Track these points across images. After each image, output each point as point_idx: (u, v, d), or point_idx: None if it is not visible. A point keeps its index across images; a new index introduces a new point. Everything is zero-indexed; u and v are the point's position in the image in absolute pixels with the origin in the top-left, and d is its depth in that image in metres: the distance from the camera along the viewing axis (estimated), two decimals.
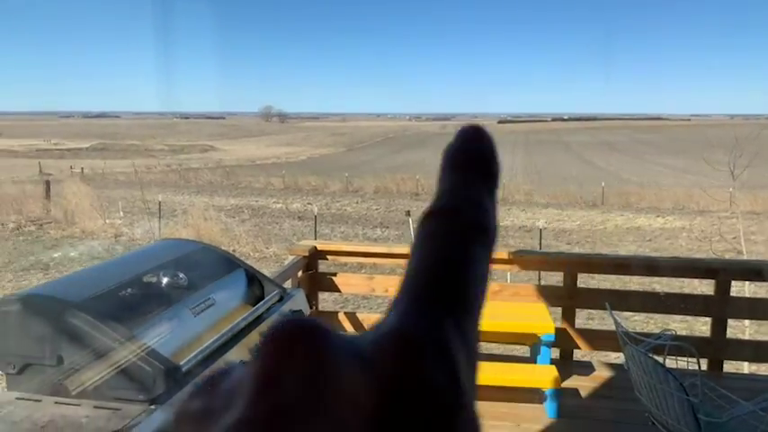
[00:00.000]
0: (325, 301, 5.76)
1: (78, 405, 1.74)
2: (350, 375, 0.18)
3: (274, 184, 27.97)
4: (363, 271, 9.31)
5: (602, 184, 22.17)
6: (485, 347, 5.73)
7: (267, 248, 13.47)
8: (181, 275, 2.14)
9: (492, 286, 4.47)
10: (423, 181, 25.83)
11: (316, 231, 14.63)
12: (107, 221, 16.38)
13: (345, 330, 4.53)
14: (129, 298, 1.97)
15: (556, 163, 40.52)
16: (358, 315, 4.49)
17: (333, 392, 0.17)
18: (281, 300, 2.50)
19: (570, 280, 4.24)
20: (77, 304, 1.77)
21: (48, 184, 19.83)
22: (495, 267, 5.02)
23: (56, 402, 1.75)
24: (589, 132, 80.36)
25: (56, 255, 12.93)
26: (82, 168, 32.37)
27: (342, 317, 4.48)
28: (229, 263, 2.45)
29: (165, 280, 2.11)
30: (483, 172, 0.26)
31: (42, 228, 16.28)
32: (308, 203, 21.92)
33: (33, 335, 1.75)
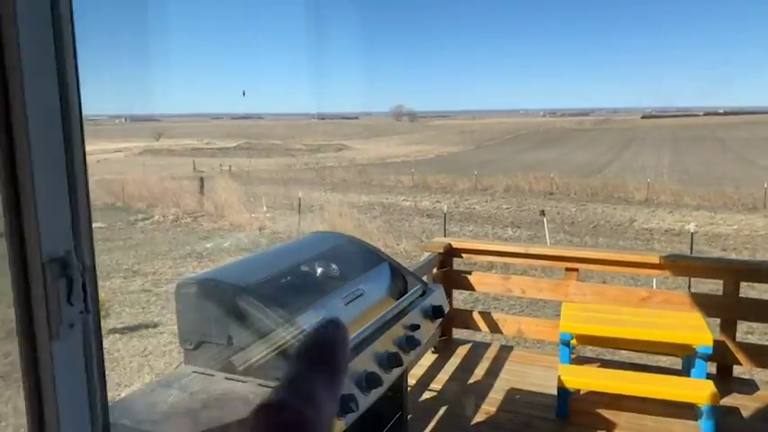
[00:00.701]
0: (455, 299, 5.73)
1: (245, 382, 1.89)
2: None
3: (404, 181, 28.44)
4: (493, 271, 9.18)
5: (765, 185, 19.88)
6: (626, 356, 5.41)
7: (398, 245, 13.74)
8: (333, 266, 2.25)
9: (640, 292, 4.20)
10: (557, 180, 24.88)
11: (445, 229, 14.66)
12: (252, 215, 17.63)
13: (480, 330, 4.51)
14: (288, 285, 2.12)
15: (708, 161, 37.02)
16: (493, 315, 4.43)
17: None
18: (422, 294, 2.54)
19: (731, 288, 3.87)
20: (245, 288, 1.92)
21: (202, 180, 21.82)
22: (640, 272, 4.71)
23: (226, 378, 1.92)
24: (748, 127, 72.37)
25: (208, 245, 14.18)
26: (230, 166, 35.17)
27: (476, 316, 4.45)
28: (375, 256, 2.54)
29: (319, 270, 2.23)
30: (325, 362, 0.29)
31: (197, 220, 17.91)
32: (437, 201, 22.02)
33: (208, 315, 1.94)
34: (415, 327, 2.38)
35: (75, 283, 0.59)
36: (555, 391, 3.38)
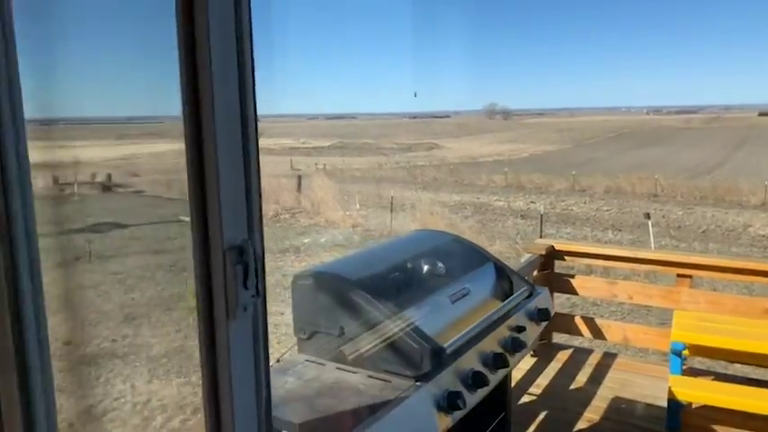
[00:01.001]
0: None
1: (355, 372, 1.96)
2: None
3: (496, 181, 27.98)
4: (592, 275, 8.83)
5: None
6: (740, 371, 5.03)
7: (491, 245, 13.55)
8: (439, 264, 2.28)
9: (762, 303, 3.89)
10: (663, 181, 23.51)
11: (541, 231, 14.29)
12: (346, 213, 18.05)
13: (582, 335, 4.36)
14: (396, 281, 2.17)
15: None
16: (597, 321, 4.28)
17: None
18: (529, 296, 2.50)
19: None
20: (357, 282, 1.99)
21: (299, 178, 22.62)
22: (761, 281, 4.36)
23: (337, 368, 2.00)
24: None
25: (306, 240, 14.68)
26: (324, 165, 36.16)
27: (578, 320, 4.32)
28: (480, 255, 2.53)
29: (425, 267, 2.26)
30: None
31: (294, 216, 18.58)
32: (531, 202, 21.50)
33: (321, 306, 2.02)
34: (521, 329, 2.36)
35: (250, 269, 0.65)
36: (663, 403, 3.22)
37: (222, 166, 0.62)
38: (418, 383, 1.85)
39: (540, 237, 13.49)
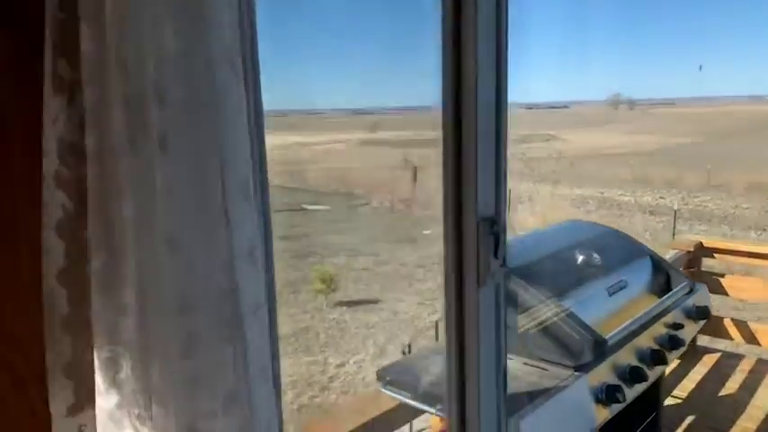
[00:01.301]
0: None
1: (510, 359, 1.98)
2: None
3: (621, 174, 26.48)
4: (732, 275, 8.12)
5: None
6: None
7: None
8: (595, 255, 2.23)
9: None
10: None
11: (674, 228, 13.37)
12: None
13: (731, 339, 4.05)
14: (551, 270, 2.15)
15: None
16: (751, 324, 3.96)
17: None
18: (688, 293, 2.39)
19: None
20: (513, 269, 2.00)
21: (415, 169, 22.83)
22: None
23: None
24: None
25: (425, 232, 14.81)
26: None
27: (728, 323, 4.02)
28: (637, 249, 2.45)
29: (580, 258, 2.23)
30: None
31: (409, 207, 18.81)
32: (660, 197, 20.16)
33: None
34: (678, 326, 2.26)
35: (501, 240, 0.70)
36: None
37: (480, 147, 0.68)
38: (577, 373, 1.84)
39: (673, 235, 12.66)
